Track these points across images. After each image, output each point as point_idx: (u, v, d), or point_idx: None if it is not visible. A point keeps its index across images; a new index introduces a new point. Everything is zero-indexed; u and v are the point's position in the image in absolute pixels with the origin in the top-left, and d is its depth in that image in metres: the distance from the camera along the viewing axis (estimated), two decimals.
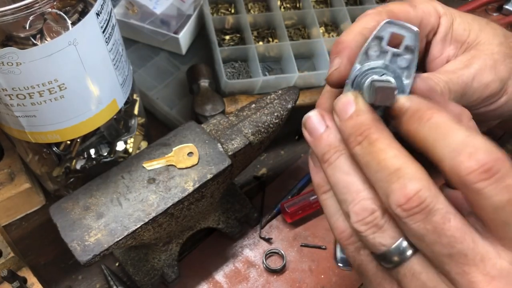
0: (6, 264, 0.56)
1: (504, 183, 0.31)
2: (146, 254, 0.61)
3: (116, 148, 0.64)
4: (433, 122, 0.34)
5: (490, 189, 0.31)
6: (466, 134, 0.33)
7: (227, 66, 0.80)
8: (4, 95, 0.48)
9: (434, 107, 0.35)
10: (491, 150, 0.32)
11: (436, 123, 0.34)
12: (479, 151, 0.32)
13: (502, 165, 0.31)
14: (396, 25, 0.38)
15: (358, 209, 0.37)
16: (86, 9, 0.48)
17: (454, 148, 0.32)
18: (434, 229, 0.33)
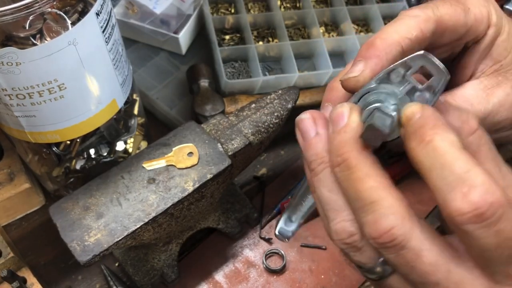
0: (6, 264, 0.56)
1: (496, 227, 0.30)
2: (146, 254, 0.61)
3: (116, 148, 0.63)
4: (432, 146, 0.32)
5: (479, 232, 0.31)
6: (465, 168, 0.31)
7: (227, 66, 0.80)
8: (4, 95, 0.48)
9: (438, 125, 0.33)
10: (488, 191, 0.30)
11: (435, 148, 0.32)
12: (475, 192, 0.30)
13: (496, 209, 0.30)
14: (429, 61, 0.36)
15: (338, 229, 0.37)
16: (86, 9, 0.48)
17: (449, 182, 0.31)
18: (406, 263, 0.33)
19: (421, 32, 0.42)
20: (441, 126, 0.33)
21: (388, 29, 0.42)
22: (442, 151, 0.31)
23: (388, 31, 0.42)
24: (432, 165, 0.32)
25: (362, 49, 0.41)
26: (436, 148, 0.32)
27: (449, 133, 0.32)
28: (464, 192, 0.30)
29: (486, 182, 0.30)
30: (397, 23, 0.43)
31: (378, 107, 0.36)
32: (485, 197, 0.30)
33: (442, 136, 0.32)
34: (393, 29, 0.42)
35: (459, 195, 0.30)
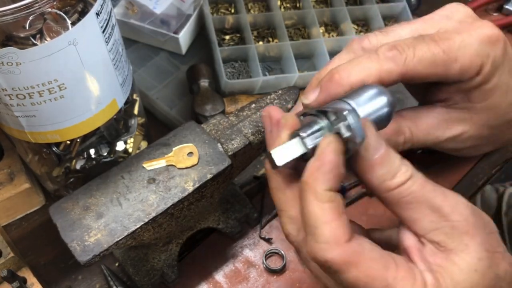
0: (6, 264, 0.56)
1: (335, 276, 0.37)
2: (146, 254, 0.61)
3: (116, 148, 0.63)
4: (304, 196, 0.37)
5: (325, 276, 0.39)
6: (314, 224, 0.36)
7: (227, 66, 0.80)
8: (4, 95, 0.48)
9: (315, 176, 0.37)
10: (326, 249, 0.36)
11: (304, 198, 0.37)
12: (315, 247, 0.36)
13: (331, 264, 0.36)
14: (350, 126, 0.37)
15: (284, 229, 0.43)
16: (86, 9, 0.48)
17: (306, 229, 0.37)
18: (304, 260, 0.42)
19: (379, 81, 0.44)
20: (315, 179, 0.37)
21: (350, 69, 0.44)
22: (306, 202, 0.37)
23: (348, 70, 0.44)
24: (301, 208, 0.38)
25: (325, 79, 0.45)
26: (304, 197, 0.37)
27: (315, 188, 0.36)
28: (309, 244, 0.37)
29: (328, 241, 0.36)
30: (361, 65, 0.44)
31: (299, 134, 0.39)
32: (322, 254, 0.36)
33: (310, 189, 0.37)
34: (353, 71, 0.44)
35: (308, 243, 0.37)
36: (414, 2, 0.89)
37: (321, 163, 0.37)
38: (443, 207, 0.38)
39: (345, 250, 0.35)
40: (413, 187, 0.37)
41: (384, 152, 0.37)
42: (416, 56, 0.44)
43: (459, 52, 0.46)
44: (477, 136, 0.53)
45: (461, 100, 0.51)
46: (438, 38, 0.46)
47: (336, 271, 0.36)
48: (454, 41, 0.46)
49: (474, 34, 0.46)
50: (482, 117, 0.51)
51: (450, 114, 0.51)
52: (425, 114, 0.52)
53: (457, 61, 0.45)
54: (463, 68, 0.46)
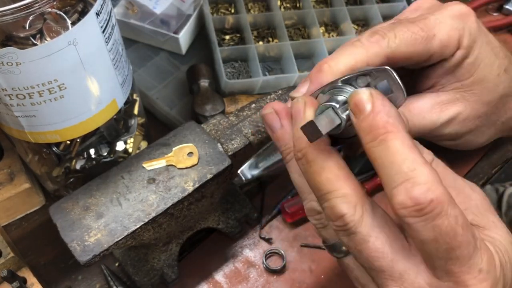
0: (6, 264, 0.56)
1: (433, 222, 0.33)
2: (146, 254, 0.61)
3: (116, 148, 0.63)
4: (385, 146, 0.35)
5: (418, 226, 0.34)
6: (411, 166, 0.33)
7: (227, 66, 0.80)
8: (4, 95, 0.48)
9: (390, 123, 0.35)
10: (429, 189, 0.33)
11: (387, 147, 0.34)
12: (417, 188, 0.33)
13: (435, 205, 0.33)
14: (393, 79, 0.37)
15: (308, 208, 0.42)
16: (86, 9, 0.48)
17: (396, 178, 0.34)
18: (354, 247, 0.37)
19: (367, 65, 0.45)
20: (392, 124, 0.35)
21: (337, 57, 0.45)
22: (393, 150, 0.34)
23: (336, 59, 0.45)
24: (384, 163, 0.35)
25: (313, 71, 0.45)
26: (388, 148, 0.34)
27: (399, 132, 0.35)
28: (407, 188, 0.33)
29: (429, 181, 0.33)
30: (347, 53, 0.45)
31: (332, 105, 0.37)
32: (426, 194, 0.33)
33: (393, 135, 0.34)
34: (341, 59, 0.45)
35: (403, 190, 0.33)
36: (414, 2, 0.89)
37: (386, 110, 0.35)
38: (465, 187, 0.39)
39: (446, 190, 0.34)
40: (438, 167, 0.38)
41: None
42: (397, 37, 0.46)
43: (436, 29, 0.48)
44: (474, 115, 0.53)
45: (449, 81, 0.52)
46: (414, 19, 0.48)
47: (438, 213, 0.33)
48: (430, 19, 0.48)
49: (446, 12, 0.49)
50: (473, 93, 0.52)
51: (441, 97, 0.52)
52: (416, 100, 0.53)
53: (435, 36, 0.47)
54: (443, 42, 0.48)
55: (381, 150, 0.35)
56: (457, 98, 0.52)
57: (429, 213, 0.33)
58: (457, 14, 0.50)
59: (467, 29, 0.49)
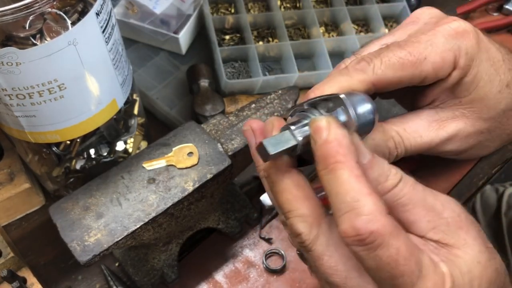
0: (6, 264, 0.56)
1: (374, 253, 0.34)
2: (146, 254, 0.61)
3: (116, 148, 0.63)
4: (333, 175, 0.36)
5: (361, 254, 0.35)
6: (356, 197, 0.35)
7: (227, 66, 0.80)
8: (3, 95, 0.48)
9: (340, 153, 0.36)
10: (370, 220, 0.34)
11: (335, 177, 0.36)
12: (358, 219, 0.34)
13: (375, 237, 0.34)
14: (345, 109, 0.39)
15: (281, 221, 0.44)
16: (86, 9, 0.48)
17: (341, 207, 0.35)
18: (312, 262, 0.40)
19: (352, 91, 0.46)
20: (342, 154, 0.36)
21: (323, 85, 0.46)
22: (340, 180, 0.35)
23: (322, 87, 0.46)
24: (332, 191, 0.36)
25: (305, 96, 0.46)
26: (336, 177, 0.36)
27: (348, 162, 0.36)
28: (350, 218, 0.34)
29: (372, 212, 0.34)
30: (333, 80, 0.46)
31: (289, 127, 0.39)
32: (367, 226, 0.34)
33: (341, 165, 0.36)
34: (326, 87, 0.45)
35: (346, 220, 0.35)
36: (414, 2, 0.89)
37: (339, 139, 0.36)
38: (436, 205, 0.38)
39: (388, 221, 0.35)
40: (405, 188, 0.38)
41: (371, 157, 0.38)
42: (383, 62, 0.45)
43: (427, 51, 0.46)
44: (476, 131, 0.53)
45: (448, 98, 0.51)
46: (403, 43, 0.47)
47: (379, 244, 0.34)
48: (420, 42, 0.47)
49: (440, 31, 0.47)
50: (473, 111, 0.51)
51: (439, 114, 0.51)
52: (412, 118, 0.52)
53: (426, 60, 0.46)
54: (436, 65, 0.47)
55: (330, 179, 0.36)
56: (456, 115, 0.51)
57: (370, 244, 0.34)
58: (452, 33, 0.47)
59: (464, 49, 0.48)
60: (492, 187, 1.07)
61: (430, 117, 0.51)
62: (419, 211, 0.38)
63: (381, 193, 0.38)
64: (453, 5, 0.89)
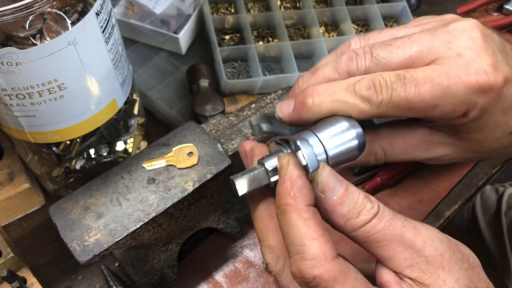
0: (6, 264, 0.56)
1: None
2: (146, 254, 0.61)
3: (116, 148, 0.63)
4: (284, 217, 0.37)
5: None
6: (302, 241, 0.36)
7: (227, 66, 0.80)
8: (3, 95, 0.48)
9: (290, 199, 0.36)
10: (314, 265, 0.35)
11: (285, 218, 0.37)
12: (303, 263, 0.35)
13: (318, 282, 0.35)
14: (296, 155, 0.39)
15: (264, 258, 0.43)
16: (85, 9, 0.48)
17: (290, 249, 0.37)
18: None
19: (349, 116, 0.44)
20: (293, 196, 0.36)
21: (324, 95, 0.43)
22: (289, 222, 0.36)
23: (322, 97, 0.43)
24: (283, 231, 0.37)
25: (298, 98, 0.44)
26: (286, 219, 0.37)
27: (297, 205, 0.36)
28: (297, 260, 0.36)
29: (316, 257, 0.35)
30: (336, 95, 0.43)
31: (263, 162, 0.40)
32: (310, 271, 0.35)
33: (291, 208, 0.36)
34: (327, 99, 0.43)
35: (294, 262, 0.36)
36: (414, 2, 0.89)
37: (292, 181, 0.37)
38: (415, 242, 0.37)
39: (333, 266, 0.35)
40: (379, 225, 0.37)
41: (343, 192, 0.37)
42: (391, 101, 0.41)
43: (441, 100, 0.42)
44: (459, 158, 0.50)
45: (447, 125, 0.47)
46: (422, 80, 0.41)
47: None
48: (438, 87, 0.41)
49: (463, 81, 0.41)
50: (467, 145, 0.48)
51: (433, 136, 0.49)
52: (404, 134, 0.49)
53: (437, 107, 0.42)
54: (444, 112, 0.43)
55: (282, 220, 0.37)
56: (448, 142, 0.48)
57: (317, 286, 0.35)
58: (475, 87, 0.41)
59: (480, 105, 0.42)
60: (492, 187, 1.07)
61: (422, 137, 0.49)
62: (395, 247, 0.37)
63: (352, 229, 0.37)
64: (453, 5, 0.89)
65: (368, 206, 0.37)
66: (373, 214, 0.37)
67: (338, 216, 0.37)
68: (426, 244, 0.37)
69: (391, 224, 0.37)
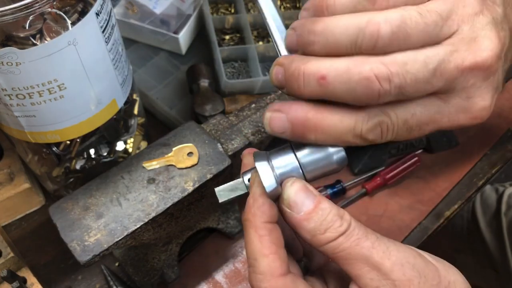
0: (6, 264, 0.56)
1: None
2: (146, 254, 0.61)
3: (116, 148, 0.63)
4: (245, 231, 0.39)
5: None
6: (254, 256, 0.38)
7: (227, 66, 0.80)
8: (3, 95, 0.48)
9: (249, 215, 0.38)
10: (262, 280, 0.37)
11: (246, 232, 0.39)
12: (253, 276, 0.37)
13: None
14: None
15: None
16: (85, 9, 0.48)
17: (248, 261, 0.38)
18: None
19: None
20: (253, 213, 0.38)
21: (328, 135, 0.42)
22: (248, 237, 0.38)
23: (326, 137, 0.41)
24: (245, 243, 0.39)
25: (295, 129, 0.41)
26: (246, 233, 0.39)
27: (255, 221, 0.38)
28: (250, 273, 0.38)
29: (264, 272, 0.37)
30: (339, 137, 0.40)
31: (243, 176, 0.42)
32: (259, 284, 0.37)
33: (249, 224, 0.38)
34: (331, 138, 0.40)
35: (249, 274, 0.38)
36: None
37: (254, 198, 0.39)
38: (383, 264, 0.36)
39: (277, 283, 0.37)
40: (346, 243, 0.37)
41: (311, 208, 0.37)
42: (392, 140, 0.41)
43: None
44: None
45: None
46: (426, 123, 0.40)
47: None
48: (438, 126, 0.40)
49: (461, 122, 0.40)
50: None
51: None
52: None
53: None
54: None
55: (244, 233, 0.39)
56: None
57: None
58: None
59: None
60: (492, 187, 1.07)
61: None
62: (361, 266, 0.36)
63: (318, 244, 0.37)
64: None
65: (337, 224, 0.37)
66: (340, 232, 0.37)
67: (304, 231, 0.38)
68: (394, 267, 0.36)
69: (358, 244, 0.36)
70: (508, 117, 0.80)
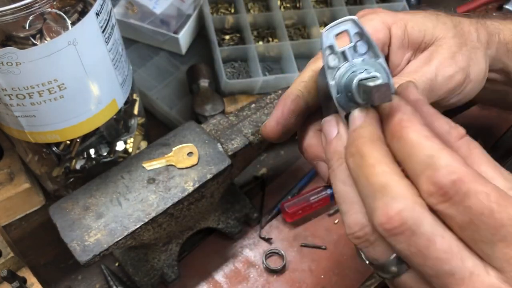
0: (6, 264, 0.56)
1: (463, 205, 0.31)
2: (146, 254, 0.61)
3: (116, 148, 0.63)
4: (403, 140, 0.34)
5: (450, 212, 0.31)
6: (429, 154, 0.32)
7: (227, 66, 0.80)
8: (3, 95, 0.48)
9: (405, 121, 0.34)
10: (450, 171, 0.31)
11: (405, 140, 0.33)
12: (438, 173, 0.31)
13: (459, 186, 0.31)
14: (333, 27, 0.38)
15: (350, 222, 0.36)
16: (85, 9, 0.48)
17: (418, 168, 0.32)
18: (418, 252, 0.32)
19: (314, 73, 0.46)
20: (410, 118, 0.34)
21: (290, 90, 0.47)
22: (410, 141, 0.33)
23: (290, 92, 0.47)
24: (404, 156, 0.34)
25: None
26: (405, 140, 0.33)
27: (415, 125, 0.34)
28: (428, 175, 0.31)
29: (449, 163, 0.31)
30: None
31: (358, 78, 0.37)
32: (448, 177, 0.31)
33: (409, 129, 0.33)
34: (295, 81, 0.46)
35: (425, 179, 0.32)
36: (413, 1, 0.89)
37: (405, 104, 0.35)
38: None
39: (469, 169, 0.31)
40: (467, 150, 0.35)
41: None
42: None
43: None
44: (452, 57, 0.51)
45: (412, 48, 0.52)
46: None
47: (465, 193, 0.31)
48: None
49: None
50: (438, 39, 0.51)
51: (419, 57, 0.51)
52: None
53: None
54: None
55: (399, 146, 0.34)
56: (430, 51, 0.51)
57: (456, 195, 0.31)
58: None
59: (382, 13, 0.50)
60: None
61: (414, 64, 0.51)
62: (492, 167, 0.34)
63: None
64: (453, 5, 0.89)
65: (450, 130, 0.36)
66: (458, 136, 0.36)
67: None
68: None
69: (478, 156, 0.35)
70: (508, 117, 0.80)
